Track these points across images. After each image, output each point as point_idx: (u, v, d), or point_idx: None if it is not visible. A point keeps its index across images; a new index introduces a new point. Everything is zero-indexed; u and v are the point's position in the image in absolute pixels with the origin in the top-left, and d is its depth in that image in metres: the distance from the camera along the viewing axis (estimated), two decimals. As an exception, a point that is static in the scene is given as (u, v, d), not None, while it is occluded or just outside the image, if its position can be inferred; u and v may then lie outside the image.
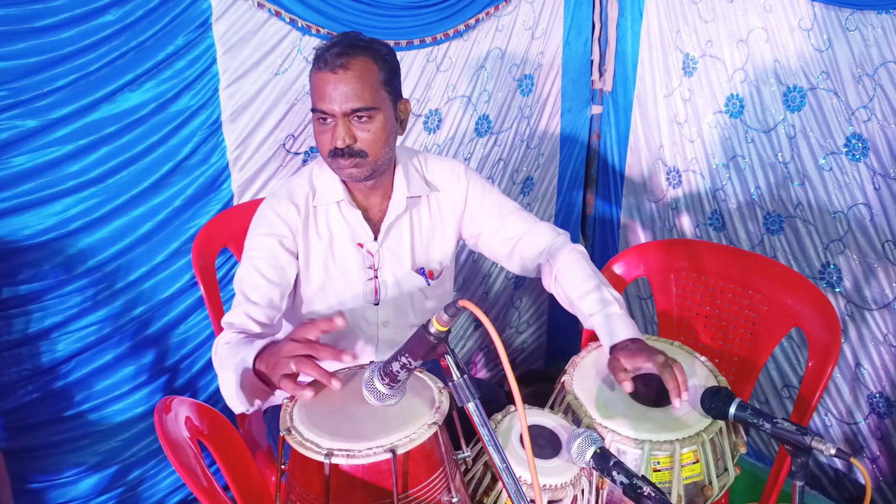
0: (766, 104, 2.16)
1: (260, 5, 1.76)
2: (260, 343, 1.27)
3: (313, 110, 1.40)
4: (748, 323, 1.79)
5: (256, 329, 1.42)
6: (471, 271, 2.55)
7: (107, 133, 1.65)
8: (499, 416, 1.34)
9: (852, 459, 1.13)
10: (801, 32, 2.01)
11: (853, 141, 1.98)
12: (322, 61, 1.36)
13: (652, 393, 1.35)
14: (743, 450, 1.36)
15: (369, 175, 1.46)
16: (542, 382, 2.58)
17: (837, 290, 2.12)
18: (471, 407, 1.01)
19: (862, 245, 2.03)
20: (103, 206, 1.71)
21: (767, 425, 1.19)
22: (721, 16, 2.20)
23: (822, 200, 2.10)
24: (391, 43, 1.99)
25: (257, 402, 1.31)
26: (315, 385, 1.15)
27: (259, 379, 1.25)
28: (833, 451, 1.12)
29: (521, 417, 0.96)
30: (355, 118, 1.39)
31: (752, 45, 2.15)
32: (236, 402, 1.29)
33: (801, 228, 2.17)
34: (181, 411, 1.25)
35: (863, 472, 1.13)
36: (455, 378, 1.01)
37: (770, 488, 1.61)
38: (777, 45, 2.08)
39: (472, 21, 2.17)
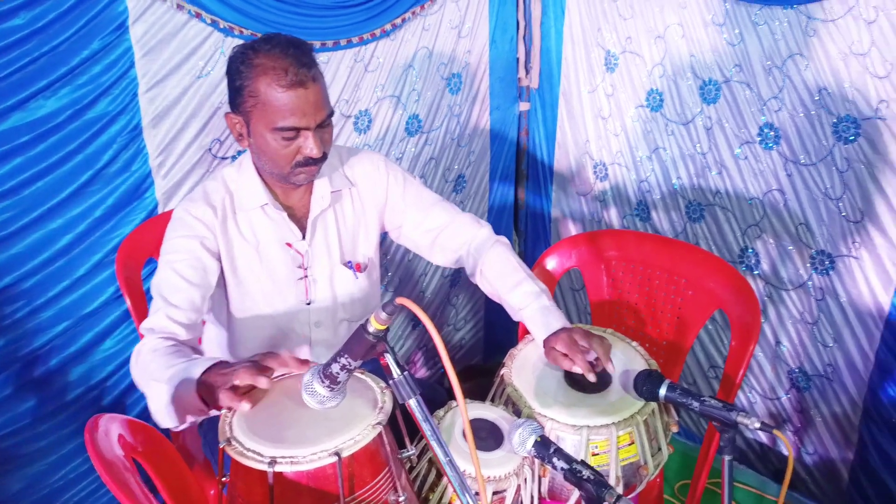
0: (684, 97, 2.24)
1: (179, 6, 1.71)
2: (207, 359, 1.23)
3: (279, 129, 1.34)
4: (675, 308, 1.86)
5: (181, 332, 1.38)
6: (406, 270, 2.55)
7: (20, 142, 1.58)
8: (441, 412, 1.35)
9: (775, 431, 1.19)
10: (715, 27, 2.10)
11: (766, 130, 2.08)
12: (288, 77, 1.31)
13: (587, 379, 1.38)
14: (675, 429, 1.41)
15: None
16: (481, 377, 2.59)
17: (756, 272, 2.23)
18: (412, 403, 1.01)
19: (777, 229, 2.14)
20: (19, 220, 1.63)
21: (696, 404, 1.25)
22: (639, 13, 2.28)
23: (738, 188, 2.20)
24: (317, 44, 1.98)
25: (189, 419, 1.26)
26: (252, 396, 1.14)
27: (198, 395, 1.21)
28: (758, 425, 1.18)
29: (463, 410, 0.98)
30: (320, 127, 1.38)
31: (669, 40, 2.23)
32: (166, 417, 1.24)
33: (721, 215, 2.27)
34: (112, 429, 1.21)
35: (785, 443, 1.20)
36: (395, 375, 1.02)
37: (701, 464, 1.68)
38: (692, 41, 2.17)
39: (398, 20, 2.17)
